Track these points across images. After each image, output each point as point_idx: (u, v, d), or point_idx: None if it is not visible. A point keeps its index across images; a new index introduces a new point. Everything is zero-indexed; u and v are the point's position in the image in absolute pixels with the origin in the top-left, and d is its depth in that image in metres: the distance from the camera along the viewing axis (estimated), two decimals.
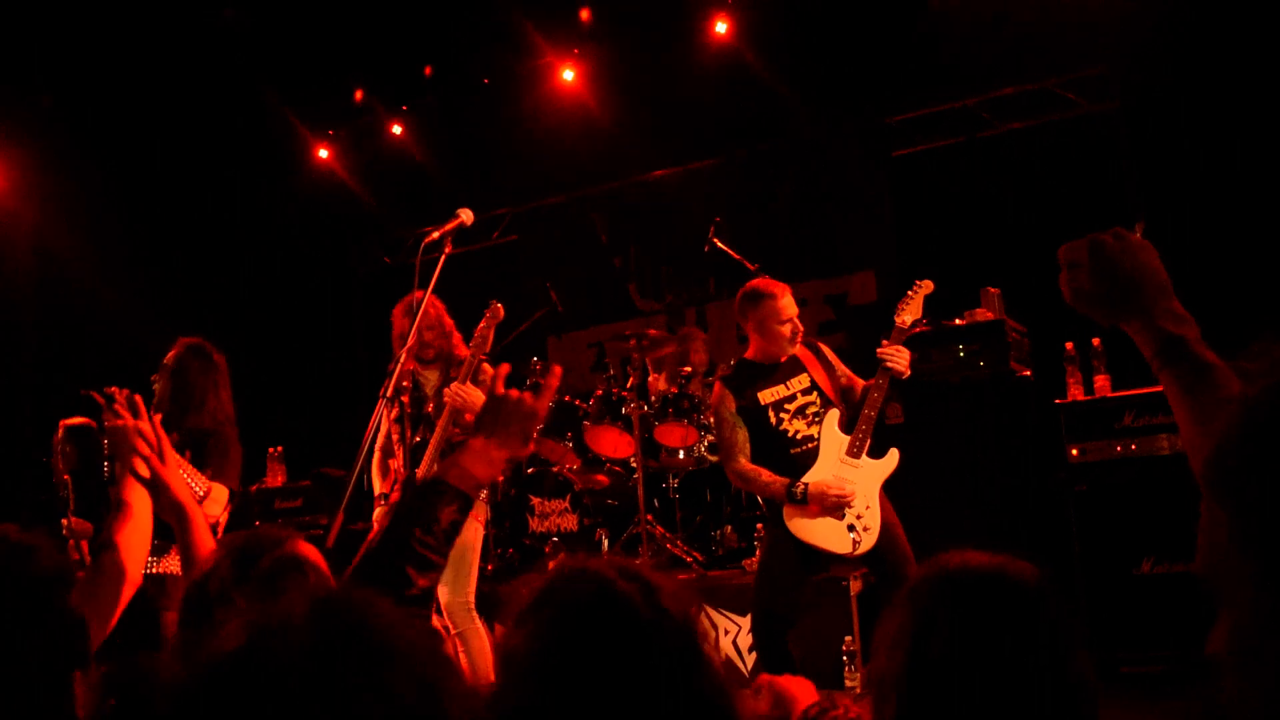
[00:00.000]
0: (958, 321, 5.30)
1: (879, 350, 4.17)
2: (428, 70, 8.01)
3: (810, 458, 4.17)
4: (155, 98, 7.15)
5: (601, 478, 6.06)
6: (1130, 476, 4.82)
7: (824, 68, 6.98)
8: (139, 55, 6.83)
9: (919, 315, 4.29)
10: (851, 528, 4.05)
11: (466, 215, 3.31)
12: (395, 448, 4.48)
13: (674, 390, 5.90)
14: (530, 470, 5.99)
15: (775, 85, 7.10)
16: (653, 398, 5.84)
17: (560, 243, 8.30)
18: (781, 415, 4.24)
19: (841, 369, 4.39)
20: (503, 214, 8.49)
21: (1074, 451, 4.95)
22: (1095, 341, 5.10)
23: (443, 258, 3.15)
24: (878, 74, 6.93)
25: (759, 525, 5.78)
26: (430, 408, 4.54)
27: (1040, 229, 6.31)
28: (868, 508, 4.09)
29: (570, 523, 5.68)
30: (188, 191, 7.78)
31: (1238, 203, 5.70)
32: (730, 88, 7.27)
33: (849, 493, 4.03)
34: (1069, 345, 5.16)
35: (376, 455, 4.61)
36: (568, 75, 7.71)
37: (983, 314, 5.31)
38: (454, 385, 4.29)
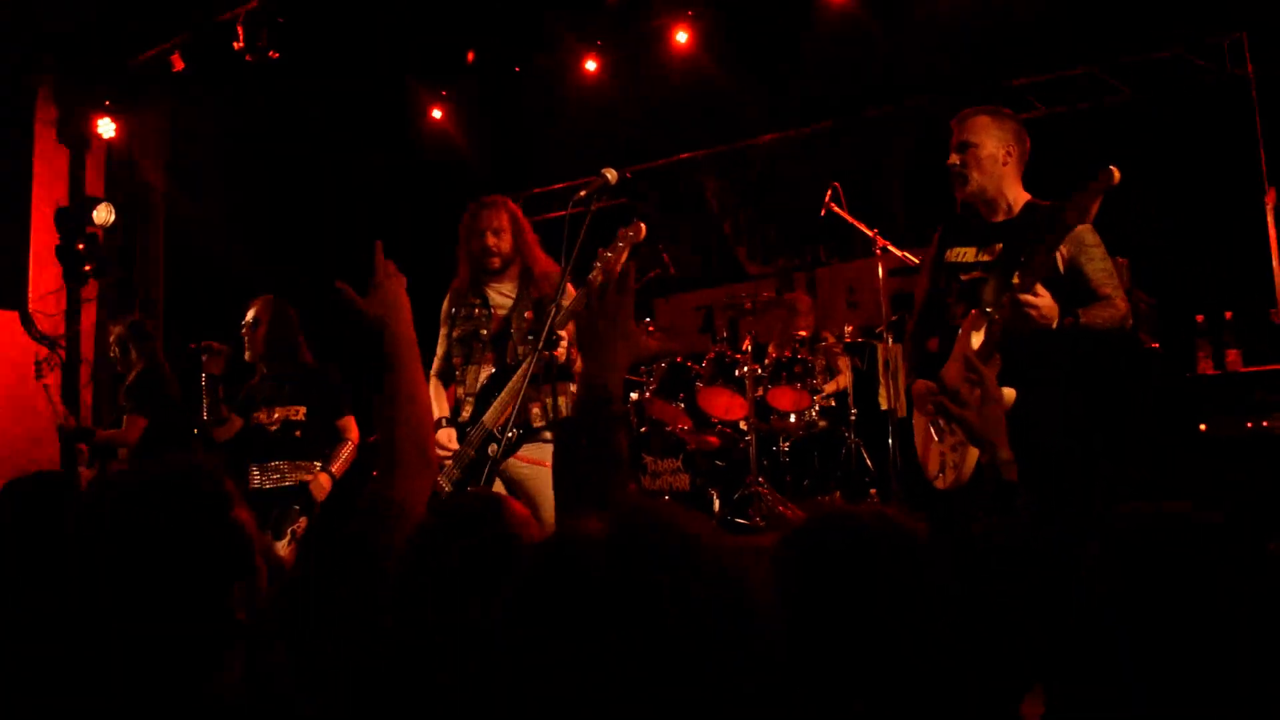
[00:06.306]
0: None
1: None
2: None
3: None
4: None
5: (712, 439, 6.11)
6: (1258, 455, 4.69)
7: (942, 28, 6.82)
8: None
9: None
10: (943, 455, 3.28)
11: (611, 174, 3.31)
12: (457, 373, 4.07)
13: (786, 354, 5.91)
14: (643, 429, 6.07)
15: (892, 44, 6.97)
16: (766, 361, 5.86)
17: (669, 206, 8.32)
18: (952, 285, 3.39)
19: (1090, 266, 3.29)
20: None
21: (1201, 427, 4.82)
22: (1228, 315, 4.95)
23: (588, 216, 3.20)
24: (1000, 34, 6.75)
25: (872, 491, 5.78)
26: (504, 328, 3.97)
27: (1169, 199, 6.12)
28: (957, 446, 3.21)
29: (682, 482, 5.74)
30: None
31: None
32: (845, 48, 7.16)
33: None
34: (1199, 318, 5.02)
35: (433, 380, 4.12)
36: (681, 38, 7.67)
37: None
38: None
